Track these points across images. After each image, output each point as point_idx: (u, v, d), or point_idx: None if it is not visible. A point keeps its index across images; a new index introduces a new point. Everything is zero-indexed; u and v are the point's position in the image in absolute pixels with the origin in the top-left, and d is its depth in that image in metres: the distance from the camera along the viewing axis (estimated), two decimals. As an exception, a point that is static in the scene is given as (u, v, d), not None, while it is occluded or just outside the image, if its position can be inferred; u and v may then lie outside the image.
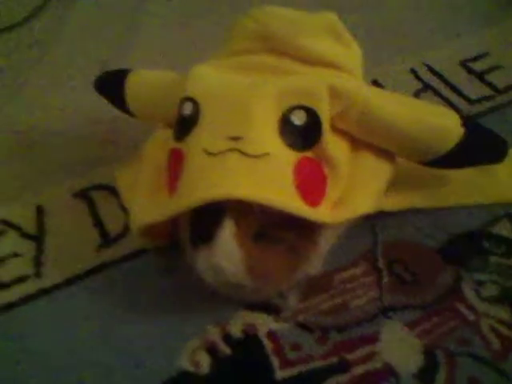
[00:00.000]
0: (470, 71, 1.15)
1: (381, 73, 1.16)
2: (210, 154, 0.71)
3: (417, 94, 1.11)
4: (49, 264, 0.89)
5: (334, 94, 0.75)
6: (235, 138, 0.71)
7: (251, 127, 0.72)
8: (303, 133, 0.74)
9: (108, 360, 0.78)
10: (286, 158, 0.72)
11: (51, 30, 1.37)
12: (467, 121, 0.81)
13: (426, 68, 1.16)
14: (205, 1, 1.41)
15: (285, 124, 0.73)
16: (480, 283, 0.81)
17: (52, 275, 0.88)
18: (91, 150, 1.07)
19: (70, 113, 1.16)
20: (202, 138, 0.73)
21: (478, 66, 1.16)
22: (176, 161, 0.75)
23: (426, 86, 1.13)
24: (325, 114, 0.75)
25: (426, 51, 1.20)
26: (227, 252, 0.70)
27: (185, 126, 0.76)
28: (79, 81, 1.22)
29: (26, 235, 0.94)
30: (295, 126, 0.74)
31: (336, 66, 0.82)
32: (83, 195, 0.98)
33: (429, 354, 0.75)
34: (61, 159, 1.06)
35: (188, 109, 0.76)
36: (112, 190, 0.98)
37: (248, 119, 0.72)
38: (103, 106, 1.00)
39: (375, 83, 1.13)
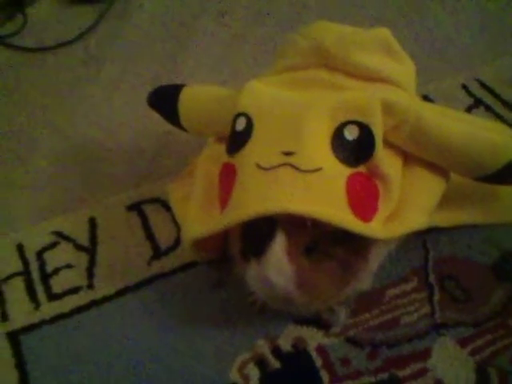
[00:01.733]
0: (522, 87, 1.14)
1: (432, 88, 1.15)
2: (262, 168, 0.71)
3: (468, 110, 1.10)
4: (101, 276, 0.91)
5: (387, 109, 0.75)
6: (288, 153, 0.71)
7: (304, 142, 0.72)
8: (356, 148, 0.74)
9: (158, 372, 0.79)
10: (338, 172, 0.72)
11: (105, 47, 1.39)
12: (522, 136, 0.80)
13: (478, 83, 1.15)
14: (255, 17, 1.42)
15: (337, 139, 0.73)
16: (534, 300, 0.80)
17: (104, 287, 0.89)
18: (143, 163, 1.09)
19: (123, 127, 1.18)
20: (255, 152, 0.74)
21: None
22: (228, 175, 0.76)
23: (478, 102, 1.12)
24: (378, 129, 0.74)
25: (478, 67, 1.19)
26: (278, 266, 0.70)
27: (238, 141, 0.77)
28: (132, 96, 1.24)
29: (79, 247, 0.96)
30: (348, 141, 0.74)
31: (389, 82, 0.82)
32: (135, 208, 1.00)
33: (481, 371, 0.74)
34: (114, 173, 1.08)
35: (241, 124, 0.77)
36: (164, 204, 0.99)
37: (301, 134, 0.72)
38: (155, 121, 1.02)
39: (426, 98, 1.12)
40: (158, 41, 1.39)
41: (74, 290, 0.90)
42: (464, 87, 1.15)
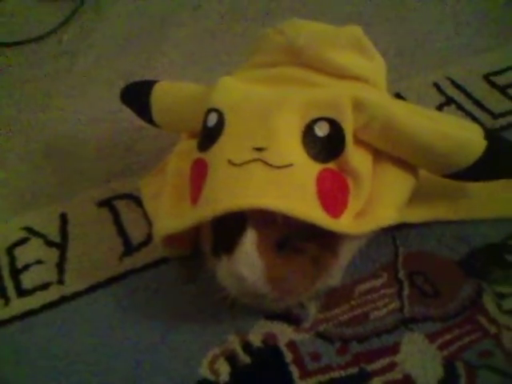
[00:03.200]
0: (493, 85, 1.14)
1: (404, 86, 1.16)
2: (233, 164, 0.72)
3: (440, 108, 1.11)
4: (71, 271, 0.90)
5: (358, 106, 0.76)
6: (259, 149, 0.72)
7: (275, 138, 0.72)
8: (326, 144, 0.74)
9: (128, 367, 0.79)
10: (309, 169, 0.73)
11: (78, 41, 1.39)
12: (490, 134, 0.81)
13: (449, 82, 1.16)
14: (230, 12, 1.42)
15: (308, 135, 0.74)
16: (501, 296, 0.81)
17: (74, 282, 0.89)
18: (116, 159, 1.09)
19: (95, 123, 1.17)
20: (226, 148, 0.74)
21: (501, 81, 1.15)
22: (200, 171, 0.76)
23: (449, 100, 1.12)
24: (348, 126, 0.75)
25: (449, 65, 1.20)
26: (249, 262, 0.71)
27: (209, 136, 0.77)
28: (105, 92, 1.24)
29: (49, 243, 0.95)
30: (318, 138, 0.74)
31: (360, 79, 0.83)
32: (107, 204, 1.00)
33: (449, 366, 0.74)
34: (86, 168, 1.08)
35: (213, 120, 0.77)
36: (136, 199, 0.99)
37: (272, 130, 0.73)
38: (127, 117, 1.02)
39: (398, 96, 1.13)
40: (132, 36, 1.39)
41: (45, 286, 0.89)
42: (436, 85, 1.16)
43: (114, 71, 1.29)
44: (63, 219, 0.98)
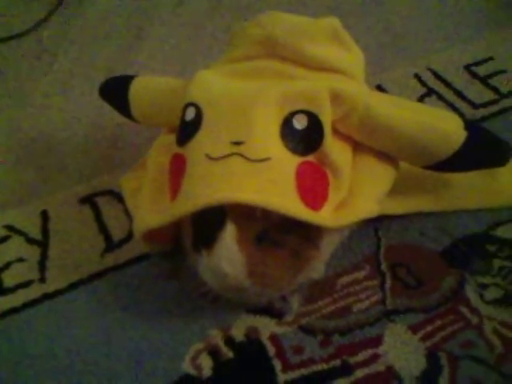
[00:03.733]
0: (474, 76, 1.15)
1: (385, 78, 1.16)
2: (212, 158, 0.71)
3: (421, 99, 1.11)
4: (53, 269, 0.90)
5: (336, 98, 0.76)
6: (237, 143, 0.71)
7: (253, 132, 0.72)
8: (305, 137, 0.74)
9: (111, 364, 0.78)
10: (287, 162, 0.72)
11: (58, 39, 1.38)
12: (470, 124, 0.81)
13: (430, 73, 1.16)
14: (212, 8, 1.42)
15: (286, 128, 0.74)
16: (483, 286, 0.81)
17: (56, 280, 0.88)
18: (97, 156, 1.08)
19: (77, 120, 1.17)
20: (204, 143, 0.74)
21: (481, 71, 1.16)
22: (178, 166, 0.76)
23: (430, 91, 1.13)
24: (326, 118, 0.75)
25: (430, 56, 1.20)
26: (229, 256, 0.71)
27: (187, 131, 0.76)
28: (86, 88, 1.23)
29: (30, 240, 0.94)
30: (297, 131, 0.74)
31: (338, 71, 0.82)
32: (88, 201, 0.99)
33: (432, 357, 0.75)
34: (66, 165, 1.07)
35: (190, 114, 0.77)
36: (117, 196, 0.98)
37: (250, 124, 0.72)
38: (109, 113, 1.01)
39: (379, 88, 1.13)
40: (113, 32, 1.38)
41: (26, 284, 0.88)
42: (417, 76, 1.16)
43: (95, 67, 1.28)
44: (44, 216, 0.97)
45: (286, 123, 0.74)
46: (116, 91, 0.94)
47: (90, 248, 0.92)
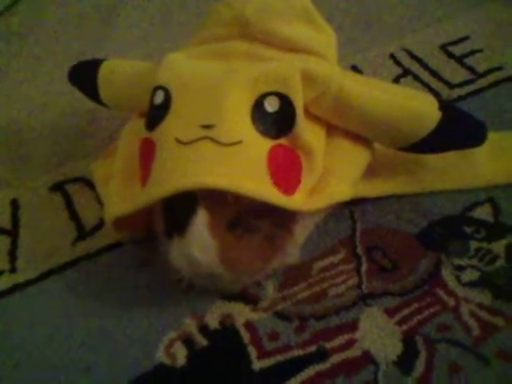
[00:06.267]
0: (449, 55, 1.14)
1: (360, 58, 1.15)
2: (181, 142, 0.70)
3: (396, 80, 1.10)
4: (24, 258, 0.88)
5: (308, 79, 0.74)
6: (207, 127, 0.70)
7: (223, 115, 0.71)
8: (277, 120, 0.73)
9: (84, 354, 0.77)
10: (259, 145, 0.71)
11: (29, 23, 1.36)
12: (445, 105, 0.80)
13: (406, 53, 1.15)
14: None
15: (258, 111, 0.72)
16: (460, 268, 0.80)
17: (27, 270, 0.87)
18: (67, 142, 1.06)
19: (47, 106, 1.15)
20: (174, 126, 0.72)
21: (457, 50, 1.15)
22: (148, 151, 0.74)
23: (406, 71, 1.12)
24: (298, 100, 0.73)
25: (406, 36, 1.20)
26: (200, 242, 0.69)
27: (156, 115, 0.75)
28: (57, 73, 1.21)
29: (0, 230, 0.92)
30: (268, 113, 0.73)
31: (310, 52, 0.81)
32: (59, 188, 0.97)
33: (408, 340, 0.74)
34: (36, 152, 1.05)
35: (159, 98, 0.75)
36: (88, 183, 0.97)
37: (220, 107, 0.71)
38: (80, 99, 0.99)
39: (354, 69, 1.12)
40: (84, 17, 1.37)
41: (-3, 274, 0.87)
42: (392, 57, 1.15)
43: (65, 53, 1.27)
44: (14, 205, 0.96)
45: (258, 106, 0.72)
46: (85, 76, 0.92)
47: (61, 236, 0.90)
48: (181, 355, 0.75)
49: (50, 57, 1.27)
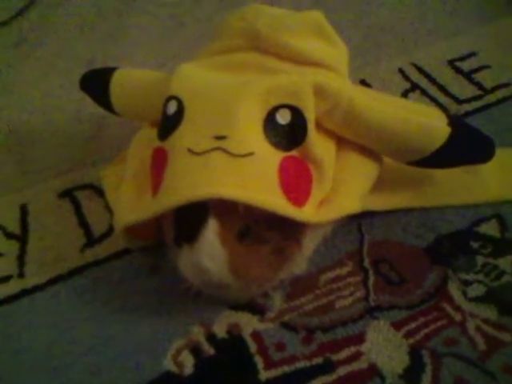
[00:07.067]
0: (457, 71, 1.15)
1: (369, 73, 1.15)
2: (194, 153, 0.70)
3: (405, 94, 1.11)
4: (32, 264, 0.88)
5: (320, 93, 0.75)
6: (220, 138, 0.70)
7: (236, 126, 0.71)
8: (288, 132, 0.73)
9: (91, 361, 0.77)
10: (270, 157, 0.72)
11: (39, 29, 1.36)
12: (454, 120, 0.80)
13: (414, 68, 1.16)
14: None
15: (270, 123, 0.73)
16: (467, 283, 0.81)
17: (35, 275, 0.87)
18: (76, 149, 1.06)
19: (56, 111, 1.15)
20: (186, 137, 0.73)
21: (465, 66, 1.16)
22: (160, 160, 0.75)
23: (414, 86, 1.12)
24: (310, 113, 0.74)
25: (414, 51, 1.20)
26: (211, 251, 0.70)
27: (169, 125, 0.75)
28: (66, 79, 1.21)
29: (9, 235, 0.93)
30: (280, 126, 0.73)
31: (321, 65, 0.82)
32: (68, 195, 0.98)
33: (415, 354, 0.74)
34: (46, 158, 1.05)
35: (172, 108, 0.76)
36: (97, 190, 0.97)
37: (232, 118, 0.71)
38: (89, 105, 1.00)
39: (363, 83, 1.12)
40: (95, 23, 1.37)
41: (5, 279, 0.87)
42: (400, 71, 1.16)
43: (76, 59, 1.27)
44: (23, 210, 0.96)
45: (270, 118, 0.73)
46: (97, 83, 0.92)
47: (69, 243, 0.90)
48: (188, 364, 0.75)
49: (59, 63, 1.27)
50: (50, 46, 1.32)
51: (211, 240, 0.70)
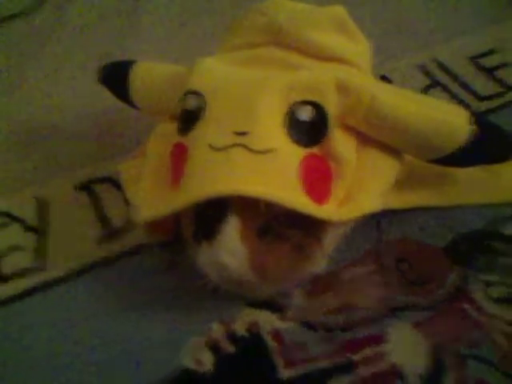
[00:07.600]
0: (479, 67, 1.13)
1: (389, 68, 1.14)
2: (214, 149, 0.70)
3: (425, 90, 1.10)
4: (51, 257, 0.88)
5: (342, 89, 0.74)
6: (241, 133, 0.70)
7: (257, 122, 0.70)
8: (310, 128, 0.72)
9: (109, 357, 0.77)
10: (292, 154, 0.71)
11: (52, 23, 1.36)
12: (478, 118, 0.79)
13: (435, 64, 1.15)
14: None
15: (291, 119, 0.72)
16: (488, 284, 0.80)
17: (54, 268, 0.87)
18: (93, 142, 1.06)
19: (71, 105, 1.15)
20: (207, 132, 0.72)
21: (487, 63, 1.14)
22: (180, 156, 0.74)
23: (435, 82, 1.11)
24: (332, 109, 0.73)
25: (435, 47, 1.19)
26: (231, 248, 0.69)
27: (189, 120, 0.75)
28: (79, 73, 1.21)
29: (28, 228, 0.93)
30: (302, 122, 0.72)
31: (344, 61, 0.81)
32: (86, 188, 0.98)
33: (436, 355, 0.73)
34: (63, 152, 1.05)
35: (192, 102, 0.75)
36: (115, 183, 0.97)
37: (254, 114, 0.71)
38: (105, 98, 0.99)
39: (384, 79, 1.11)
40: (108, 15, 1.36)
41: (24, 272, 0.87)
42: (421, 67, 1.15)
43: (89, 52, 1.27)
44: (41, 203, 0.96)
45: (291, 114, 0.72)
46: (116, 76, 0.92)
47: (88, 236, 0.90)
48: (207, 361, 0.75)
49: (72, 57, 1.27)
50: (61, 39, 1.32)
51: (232, 236, 0.69)
